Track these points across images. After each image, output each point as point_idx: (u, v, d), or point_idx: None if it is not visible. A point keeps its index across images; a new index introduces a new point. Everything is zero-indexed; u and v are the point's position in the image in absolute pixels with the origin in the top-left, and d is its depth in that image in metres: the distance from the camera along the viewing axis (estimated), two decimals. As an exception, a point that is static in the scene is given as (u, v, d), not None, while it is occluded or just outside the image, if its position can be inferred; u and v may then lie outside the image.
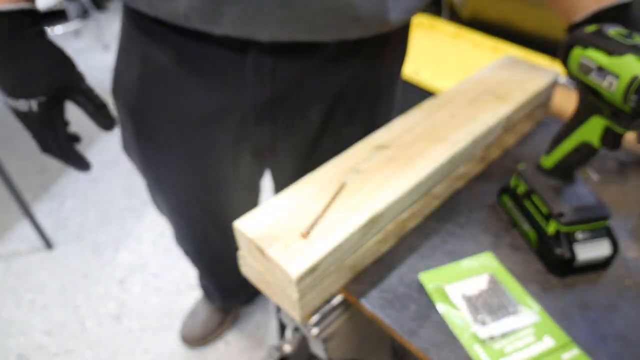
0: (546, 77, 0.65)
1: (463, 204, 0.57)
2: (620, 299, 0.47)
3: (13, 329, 1.33)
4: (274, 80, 0.56)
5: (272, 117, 0.60)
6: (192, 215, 0.79)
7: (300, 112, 0.61)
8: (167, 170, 0.69)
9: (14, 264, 1.52)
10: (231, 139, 0.62)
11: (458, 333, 0.43)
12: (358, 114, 0.65)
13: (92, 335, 1.31)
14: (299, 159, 0.68)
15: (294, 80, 0.57)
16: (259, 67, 0.54)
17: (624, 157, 0.64)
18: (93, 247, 1.56)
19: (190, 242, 0.92)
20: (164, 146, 0.65)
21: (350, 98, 0.62)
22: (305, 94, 0.59)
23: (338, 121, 0.64)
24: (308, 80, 0.58)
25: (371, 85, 0.64)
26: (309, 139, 0.65)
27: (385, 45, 0.62)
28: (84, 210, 1.70)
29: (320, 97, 0.60)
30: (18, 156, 1.96)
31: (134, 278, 1.46)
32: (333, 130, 0.65)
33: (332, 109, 0.62)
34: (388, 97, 0.69)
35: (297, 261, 0.41)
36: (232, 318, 1.32)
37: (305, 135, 0.64)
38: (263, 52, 0.53)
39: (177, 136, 0.63)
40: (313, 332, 0.47)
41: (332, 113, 0.63)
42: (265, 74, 0.55)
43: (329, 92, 0.60)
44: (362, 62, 0.60)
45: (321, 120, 0.63)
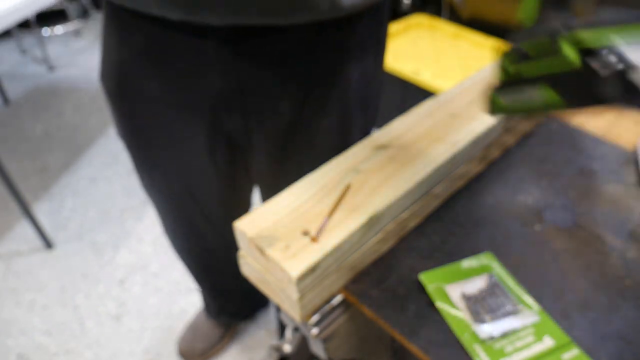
0: (546, 77, 0.65)
1: (463, 204, 0.57)
2: (620, 299, 0.47)
3: (13, 329, 1.33)
4: (238, 69, 0.56)
5: (242, 107, 0.61)
6: (177, 199, 0.79)
7: (269, 103, 0.61)
8: (149, 152, 0.71)
9: (14, 264, 1.52)
10: (205, 126, 0.63)
11: (458, 333, 0.43)
12: (330, 108, 0.64)
13: (92, 335, 1.31)
14: (275, 152, 0.68)
15: (258, 70, 0.57)
16: (220, 54, 0.55)
17: (622, 156, 0.64)
18: (93, 247, 1.56)
19: (179, 234, 0.91)
20: (144, 129, 0.67)
21: (320, 91, 0.62)
22: (273, 86, 0.59)
23: (310, 115, 0.64)
24: (274, 71, 0.58)
25: (341, 79, 0.63)
26: (283, 131, 0.65)
27: (349, 37, 0.60)
28: (84, 210, 1.70)
29: (289, 89, 0.60)
30: (18, 156, 1.96)
31: (134, 278, 1.46)
32: (307, 124, 0.65)
33: (303, 101, 0.62)
34: (363, 92, 0.67)
35: (297, 261, 0.41)
36: (233, 333, 1.30)
37: (278, 127, 0.64)
38: (224, 39, 0.54)
39: (155, 119, 0.65)
40: (313, 332, 0.47)
41: (303, 106, 0.62)
42: (228, 62, 0.56)
43: (297, 84, 0.60)
44: (328, 54, 0.60)
45: (293, 113, 0.63)
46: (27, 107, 2.28)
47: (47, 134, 2.09)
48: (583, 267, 0.50)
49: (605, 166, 0.62)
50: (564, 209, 0.56)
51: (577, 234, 0.53)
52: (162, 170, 0.73)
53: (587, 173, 0.61)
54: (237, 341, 1.29)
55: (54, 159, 1.95)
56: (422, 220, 0.55)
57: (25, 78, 2.49)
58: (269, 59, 0.57)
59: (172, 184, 0.76)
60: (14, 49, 2.72)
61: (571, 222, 0.55)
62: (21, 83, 2.44)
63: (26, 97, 2.35)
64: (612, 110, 0.60)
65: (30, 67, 2.58)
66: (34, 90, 2.40)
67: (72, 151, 1.99)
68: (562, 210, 0.56)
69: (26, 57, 2.66)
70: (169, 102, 0.62)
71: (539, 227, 0.54)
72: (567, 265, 0.50)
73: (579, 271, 0.49)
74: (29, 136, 2.09)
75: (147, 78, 0.60)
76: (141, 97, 0.63)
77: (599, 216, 0.55)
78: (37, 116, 2.21)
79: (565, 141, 0.66)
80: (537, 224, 0.55)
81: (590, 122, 0.70)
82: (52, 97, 2.34)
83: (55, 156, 1.97)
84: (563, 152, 0.64)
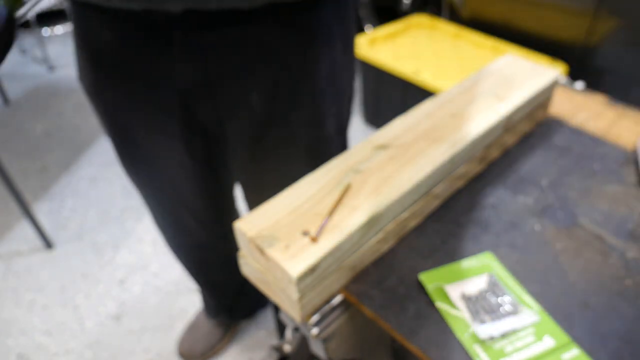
0: (546, 77, 0.65)
1: (463, 204, 0.57)
2: (620, 299, 0.47)
3: (13, 329, 1.33)
4: (204, 59, 0.57)
5: (212, 97, 0.61)
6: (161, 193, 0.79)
7: (239, 94, 0.61)
8: (130, 148, 0.72)
9: (14, 264, 1.52)
10: (178, 118, 0.64)
11: (458, 333, 0.43)
12: (302, 99, 0.64)
13: (92, 335, 1.31)
14: (252, 145, 0.68)
15: (224, 60, 0.57)
16: (186, 45, 0.56)
17: (622, 156, 0.64)
18: (93, 247, 1.56)
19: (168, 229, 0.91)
20: (122, 125, 0.68)
21: (289, 82, 0.62)
22: (240, 76, 0.59)
23: (282, 107, 0.64)
24: (240, 61, 0.58)
25: (310, 69, 0.62)
26: (256, 123, 0.65)
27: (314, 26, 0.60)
28: (84, 210, 1.70)
29: (257, 79, 0.60)
30: (18, 156, 1.96)
31: (134, 278, 1.46)
32: (280, 116, 0.65)
33: (274, 93, 0.62)
34: (334, 82, 0.67)
35: (297, 261, 0.41)
36: (233, 333, 1.30)
37: (250, 119, 0.64)
38: (188, 29, 0.54)
39: (131, 115, 0.65)
40: (313, 332, 0.47)
41: (274, 97, 0.62)
42: (194, 52, 0.56)
43: (264, 74, 0.60)
44: (294, 43, 0.60)
45: (264, 105, 0.63)
46: (27, 107, 2.28)
47: (47, 134, 2.09)
48: (583, 267, 0.50)
49: (605, 166, 0.62)
50: (564, 209, 0.56)
51: (577, 234, 0.53)
52: (145, 165, 0.74)
53: (587, 173, 0.61)
54: (237, 341, 1.29)
55: (54, 159, 1.95)
56: (422, 220, 0.55)
57: (25, 78, 2.49)
58: (234, 48, 0.57)
59: (155, 178, 0.76)
60: (14, 49, 2.72)
61: (571, 222, 0.55)
62: (21, 83, 2.44)
63: (26, 97, 2.35)
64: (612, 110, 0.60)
65: (30, 67, 2.58)
66: (34, 90, 2.40)
67: (72, 151, 1.99)
68: (562, 210, 0.56)
69: (26, 57, 2.66)
70: (141, 96, 0.62)
71: (539, 227, 0.54)
72: (567, 265, 0.50)
73: (579, 271, 0.50)
74: (29, 136, 2.09)
75: (118, 74, 0.61)
76: (115, 94, 0.64)
77: (599, 216, 0.55)
78: (37, 116, 2.21)
79: (565, 141, 0.66)
80: (537, 224, 0.55)
81: (590, 122, 0.70)
82: (52, 97, 2.34)
83: (55, 156, 1.97)
84: (563, 152, 0.64)
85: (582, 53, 1.59)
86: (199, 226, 0.86)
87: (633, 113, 0.72)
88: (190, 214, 0.83)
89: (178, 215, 0.84)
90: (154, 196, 0.82)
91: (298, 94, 0.63)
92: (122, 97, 0.64)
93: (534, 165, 0.62)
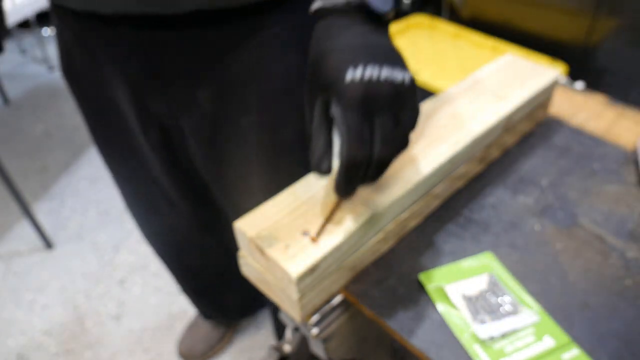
0: (546, 77, 0.65)
1: (463, 204, 0.57)
2: (620, 299, 0.47)
3: (13, 329, 1.33)
4: (150, 56, 0.59)
5: (163, 91, 0.63)
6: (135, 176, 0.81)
7: (187, 91, 0.62)
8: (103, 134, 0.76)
9: (14, 264, 1.52)
10: (133, 109, 0.66)
11: (458, 333, 0.43)
12: (250, 104, 0.64)
13: (92, 335, 1.31)
14: (204, 144, 0.69)
15: (171, 57, 0.59)
16: (133, 41, 0.58)
17: (622, 156, 0.64)
18: (93, 247, 1.56)
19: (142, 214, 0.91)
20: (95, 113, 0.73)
21: (236, 86, 0.62)
22: (188, 74, 0.61)
23: (231, 110, 0.64)
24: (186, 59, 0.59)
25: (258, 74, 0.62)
26: (208, 123, 0.66)
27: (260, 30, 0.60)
28: (84, 210, 1.70)
29: (204, 79, 0.61)
30: (18, 156, 1.96)
31: (134, 278, 1.46)
32: (229, 119, 0.65)
33: (220, 94, 0.63)
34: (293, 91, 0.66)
35: (297, 261, 0.41)
36: (232, 333, 1.30)
37: (201, 118, 0.65)
38: (134, 27, 0.56)
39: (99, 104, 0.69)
40: (313, 332, 0.47)
41: (221, 98, 0.63)
42: (143, 48, 0.58)
43: (209, 74, 0.61)
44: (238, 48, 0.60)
45: (212, 105, 0.63)
46: (27, 107, 2.28)
47: (47, 134, 2.09)
48: (583, 267, 0.50)
49: (605, 166, 0.62)
50: (564, 209, 0.56)
51: (577, 234, 0.53)
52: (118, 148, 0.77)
53: (587, 173, 0.61)
54: (237, 341, 1.30)
55: (54, 159, 1.95)
56: (422, 220, 0.55)
57: (25, 78, 2.49)
58: (178, 48, 0.58)
59: (128, 162, 0.78)
60: (14, 49, 2.72)
61: (571, 222, 0.55)
62: (21, 83, 2.44)
63: (26, 97, 2.35)
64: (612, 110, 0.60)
65: (30, 67, 2.58)
66: (34, 90, 2.40)
67: (72, 151, 1.99)
68: (562, 210, 0.56)
69: (26, 57, 2.66)
70: (105, 85, 0.65)
71: (539, 227, 0.54)
72: (567, 265, 0.50)
73: (579, 271, 0.50)
74: (29, 136, 2.09)
75: (85, 64, 0.64)
76: (85, 83, 0.68)
77: (599, 216, 0.55)
78: (37, 116, 2.21)
79: (565, 141, 0.66)
80: (537, 224, 0.55)
81: (590, 122, 0.70)
82: (52, 97, 2.34)
83: (55, 156, 1.97)
84: (563, 152, 0.64)
85: (582, 53, 1.59)
86: (169, 207, 0.86)
87: (633, 113, 0.72)
88: (163, 195, 0.83)
89: (152, 199, 0.85)
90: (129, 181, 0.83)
91: (246, 98, 0.64)
92: (90, 87, 0.68)
93: (534, 165, 0.62)
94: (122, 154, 0.77)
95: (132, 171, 0.80)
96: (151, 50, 0.59)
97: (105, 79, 0.64)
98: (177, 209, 0.86)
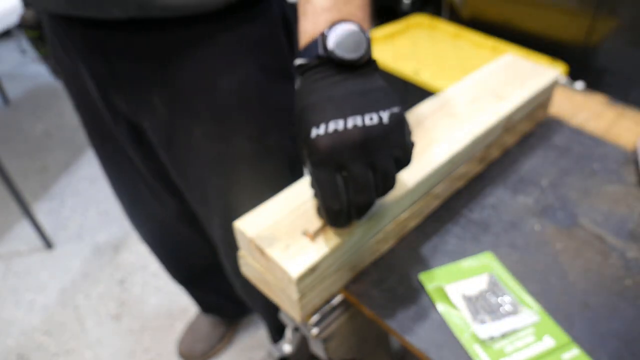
0: (546, 77, 0.65)
1: (463, 204, 0.57)
2: (620, 299, 0.47)
3: (13, 329, 1.33)
4: (106, 56, 0.61)
5: (122, 90, 0.65)
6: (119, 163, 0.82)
7: (143, 94, 0.64)
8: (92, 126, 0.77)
9: (14, 264, 1.52)
10: (102, 105, 0.68)
11: (458, 333, 0.43)
12: (202, 115, 0.64)
13: (92, 335, 1.31)
14: (163, 146, 0.70)
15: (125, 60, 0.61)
16: (91, 41, 0.61)
17: (622, 156, 0.64)
18: (93, 247, 1.56)
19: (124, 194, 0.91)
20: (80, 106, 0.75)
21: (186, 94, 0.63)
22: (141, 77, 0.62)
23: (183, 118, 0.65)
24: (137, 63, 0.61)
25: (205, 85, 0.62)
26: (165, 128, 0.67)
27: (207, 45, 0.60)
28: (84, 210, 1.70)
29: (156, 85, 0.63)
30: (18, 156, 1.96)
31: (134, 278, 1.46)
32: (182, 127, 0.66)
33: (174, 100, 0.63)
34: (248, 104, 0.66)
35: (297, 261, 0.41)
36: (232, 333, 1.30)
37: (159, 121, 0.66)
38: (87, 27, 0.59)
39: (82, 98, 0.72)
40: (313, 332, 0.47)
41: (175, 104, 0.64)
42: (97, 47, 0.61)
43: (162, 82, 0.62)
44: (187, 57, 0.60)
45: (166, 111, 0.65)
46: (27, 107, 2.28)
47: (47, 134, 2.09)
48: (583, 267, 0.50)
49: (605, 166, 0.62)
50: (564, 209, 0.56)
51: (577, 234, 0.53)
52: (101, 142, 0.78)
53: (587, 173, 0.61)
54: (237, 341, 1.30)
55: (54, 159, 1.95)
56: (422, 220, 0.55)
57: (25, 78, 2.49)
58: (130, 50, 0.60)
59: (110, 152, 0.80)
60: (14, 49, 2.72)
61: (571, 222, 0.55)
62: (21, 83, 2.44)
63: (26, 97, 2.35)
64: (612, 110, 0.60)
65: (30, 67, 2.58)
66: (34, 90, 2.40)
67: (72, 151, 1.99)
68: (562, 210, 0.56)
69: (26, 57, 2.66)
70: (80, 80, 0.68)
71: (539, 227, 0.54)
72: (567, 265, 0.50)
73: (579, 271, 0.50)
74: (29, 136, 2.09)
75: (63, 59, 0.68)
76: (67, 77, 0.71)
77: (599, 216, 0.55)
78: (37, 116, 2.21)
79: (565, 141, 0.66)
80: (537, 224, 0.55)
81: (590, 122, 0.70)
82: (52, 97, 2.34)
83: (55, 156, 1.97)
84: (563, 152, 0.64)
85: (582, 53, 1.59)
86: (153, 198, 0.87)
87: (633, 113, 0.72)
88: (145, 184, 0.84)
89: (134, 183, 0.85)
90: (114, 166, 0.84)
91: (197, 108, 0.64)
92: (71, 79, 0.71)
93: (534, 165, 0.62)
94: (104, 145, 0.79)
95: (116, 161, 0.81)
96: (107, 50, 0.61)
97: (80, 72, 0.67)
98: (159, 200, 0.87)
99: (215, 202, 0.75)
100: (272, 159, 0.73)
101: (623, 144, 0.66)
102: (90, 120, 0.77)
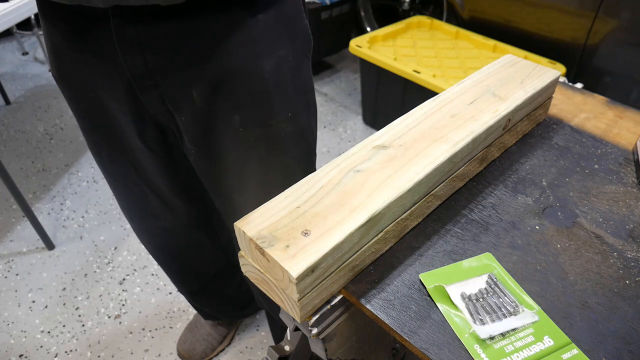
0: (546, 77, 0.65)
1: (463, 204, 0.57)
2: (620, 299, 0.47)
3: (13, 329, 1.33)
4: (143, 51, 0.59)
5: (156, 89, 0.63)
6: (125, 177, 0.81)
7: (181, 87, 0.62)
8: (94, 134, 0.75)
9: (14, 264, 1.52)
10: (128, 108, 0.66)
11: (458, 333, 0.43)
12: (243, 100, 0.64)
13: (92, 335, 1.31)
14: (198, 142, 0.69)
15: (163, 53, 0.59)
16: (123, 36, 0.57)
17: (622, 156, 0.64)
18: (93, 247, 1.56)
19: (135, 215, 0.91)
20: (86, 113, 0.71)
21: (228, 82, 0.62)
22: (180, 70, 0.61)
23: (224, 105, 0.64)
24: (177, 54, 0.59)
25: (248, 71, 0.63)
26: (202, 120, 0.66)
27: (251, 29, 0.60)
28: (84, 210, 1.71)
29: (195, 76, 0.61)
30: (18, 156, 1.96)
31: (134, 278, 1.46)
32: (222, 114, 0.65)
33: (213, 90, 0.63)
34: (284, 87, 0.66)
35: (297, 261, 0.41)
36: (233, 333, 1.30)
37: (195, 115, 0.65)
38: (124, 21, 0.56)
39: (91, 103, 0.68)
40: (313, 332, 0.47)
41: (214, 94, 0.63)
42: (131, 42, 0.58)
43: (202, 72, 0.61)
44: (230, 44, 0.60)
45: (205, 101, 0.63)
46: (27, 107, 2.28)
47: (47, 134, 2.09)
48: (583, 267, 0.50)
49: (605, 166, 0.62)
50: (564, 209, 0.57)
51: (577, 234, 0.53)
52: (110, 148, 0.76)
53: (587, 173, 0.61)
54: (237, 342, 1.30)
55: (54, 159, 1.95)
56: (422, 221, 0.55)
57: (25, 78, 2.49)
58: (170, 43, 0.58)
59: (117, 163, 0.78)
60: (14, 49, 2.72)
61: (571, 222, 0.55)
62: (21, 83, 2.45)
63: (26, 97, 2.35)
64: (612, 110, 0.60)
65: (30, 67, 2.58)
66: (34, 90, 2.40)
67: (72, 151, 1.99)
68: (562, 210, 0.56)
69: (26, 57, 2.66)
70: (96, 86, 0.65)
71: (539, 227, 0.54)
72: (567, 265, 0.50)
73: (579, 271, 0.50)
74: (29, 136, 2.09)
75: (74, 64, 0.64)
76: (75, 83, 0.67)
77: (598, 216, 0.56)
78: (37, 116, 2.21)
79: (565, 141, 0.66)
80: (537, 224, 0.55)
81: (590, 122, 0.70)
82: (52, 97, 2.34)
83: (55, 156, 1.97)
84: (563, 152, 0.64)
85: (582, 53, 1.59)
86: (165, 209, 0.86)
87: (633, 113, 0.72)
88: (157, 197, 0.83)
89: (144, 199, 0.84)
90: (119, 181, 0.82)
91: (239, 94, 0.63)
92: (82, 87, 0.67)
93: (534, 165, 0.62)
94: (112, 155, 0.76)
95: (124, 173, 0.79)
96: (147, 44, 0.58)
97: (96, 79, 0.64)
98: (171, 210, 0.86)
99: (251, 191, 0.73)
100: (305, 138, 0.73)
101: (623, 144, 0.66)
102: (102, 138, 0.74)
